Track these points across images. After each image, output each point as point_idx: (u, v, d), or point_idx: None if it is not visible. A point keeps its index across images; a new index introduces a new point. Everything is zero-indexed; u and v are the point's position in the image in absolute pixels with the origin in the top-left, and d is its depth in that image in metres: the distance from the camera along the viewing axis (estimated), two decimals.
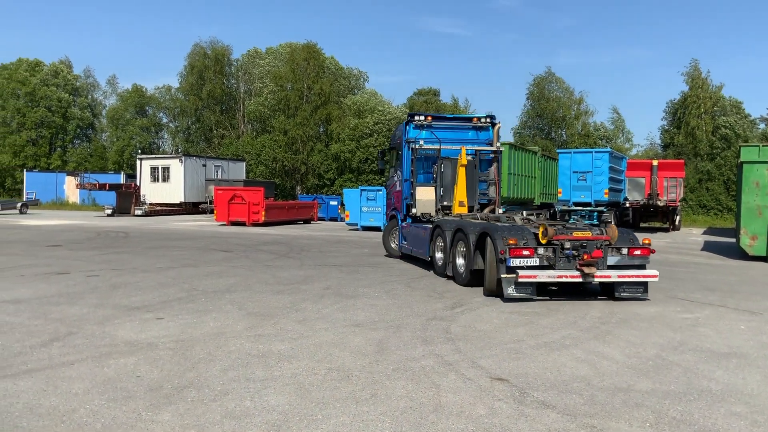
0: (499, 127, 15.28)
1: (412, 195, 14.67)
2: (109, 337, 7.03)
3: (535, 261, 9.70)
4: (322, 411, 4.85)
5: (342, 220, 34.65)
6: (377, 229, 26.33)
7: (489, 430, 4.55)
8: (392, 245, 16.34)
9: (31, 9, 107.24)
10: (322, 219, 36.41)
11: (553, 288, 10.90)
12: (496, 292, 10.07)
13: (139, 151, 55.18)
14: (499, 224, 10.83)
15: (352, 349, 6.70)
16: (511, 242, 9.67)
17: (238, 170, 47.67)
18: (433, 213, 14.42)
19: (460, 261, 11.61)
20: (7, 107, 61.11)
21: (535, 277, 9.53)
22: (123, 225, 28.91)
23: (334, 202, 37.75)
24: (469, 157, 14.47)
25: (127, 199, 38.87)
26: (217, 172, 44.52)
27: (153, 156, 47.12)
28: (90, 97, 68.18)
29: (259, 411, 4.82)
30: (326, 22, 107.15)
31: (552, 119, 58.67)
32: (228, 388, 5.32)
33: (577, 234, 9.91)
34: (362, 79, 66.31)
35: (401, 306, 9.19)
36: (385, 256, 16.43)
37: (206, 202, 40.63)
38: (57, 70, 63.82)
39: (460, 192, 14.33)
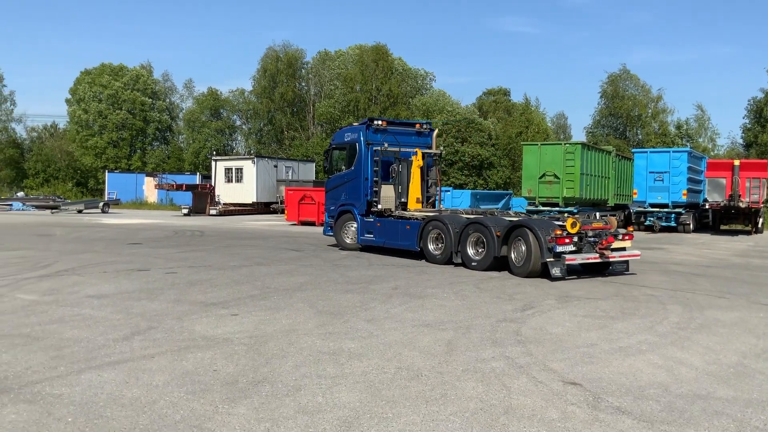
0: (437, 133, 17.82)
1: (376, 192, 16.43)
2: (187, 332, 7.28)
3: (571, 247, 12.06)
4: (393, 409, 4.88)
5: None
6: None
7: None
8: (347, 239, 17.39)
9: (114, 16, 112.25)
10: None
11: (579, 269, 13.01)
12: (538, 273, 12.18)
13: (214, 152, 56.79)
14: (534, 219, 13.65)
15: (421, 348, 6.71)
16: (557, 232, 11.86)
17: (308, 171, 48.44)
18: (393, 208, 16.40)
19: (472, 251, 13.59)
20: (90, 111, 64.03)
21: (575, 259, 12.07)
22: (198, 224, 29.85)
23: None
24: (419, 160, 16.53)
25: (202, 199, 40.13)
26: (287, 172, 45.35)
27: (227, 157, 48.45)
28: (168, 100, 70.76)
29: (330, 407, 4.90)
30: (395, 23, 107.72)
31: (627, 118, 57.00)
32: (300, 384, 5.43)
33: (594, 225, 12.73)
34: (429, 79, 66.24)
35: (470, 307, 9.14)
36: (340, 249, 17.24)
37: (277, 203, 41.43)
38: (138, 74, 66.47)
39: (416, 190, 16.50)
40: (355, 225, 17.13)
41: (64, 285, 10.51)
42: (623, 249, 12.93)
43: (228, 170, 43.75)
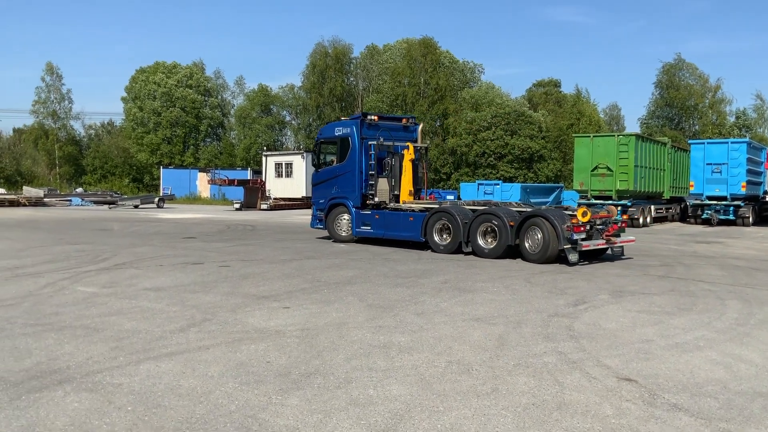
0: (422, 128, 18.53)
1: (372, 185, 16.91)
2: (240, 324, 7.43)
3: (583, 235, 13.17)
4: (444, 403, 4.88)
5: None
6: None
7: (616, 430, 4.40)
8: (340, 232, 17.74)
9: (169, 15, 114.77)
10: None
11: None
12: (553, 260, 13.18)
13: (264, 148, 57.55)
14: (547, 209, 14.45)
15: (471, 343, 6.68)
16: (574, 221, 12.93)
17: None
18: (388, 201, 16.97)
19: (483, 240, 14.40)
20: (145, 108, 65.68)
21: (588, 246, 13.22)
22: (250, 218, 30.34)
23: (450, 197, 37.41)
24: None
25: (253, 194, 40.78)
26: None
27: (277, 152, 49.06)
28: (220, 97, 71.97)
29: (382, 400, 4.93)
30: (442, 16, 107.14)
31: (682, 108, 55.37)
32: (352, 377, 5.47)
33: (601, 213, 13.91)
34: (477, 72, 65.62)
35: (521, 301, 9.05)
36: (333, 241, 17.62)
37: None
38: (191, 72, 67.83)
39: (408, 183, 17.09)
40: (347, 217, 17.56)
41: (122, 278, 10.84)
42: (619, 235, 14.33)
43: (278, 165, 44.30)
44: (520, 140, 49.55)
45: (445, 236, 15.16)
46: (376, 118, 17.61)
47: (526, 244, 13.58)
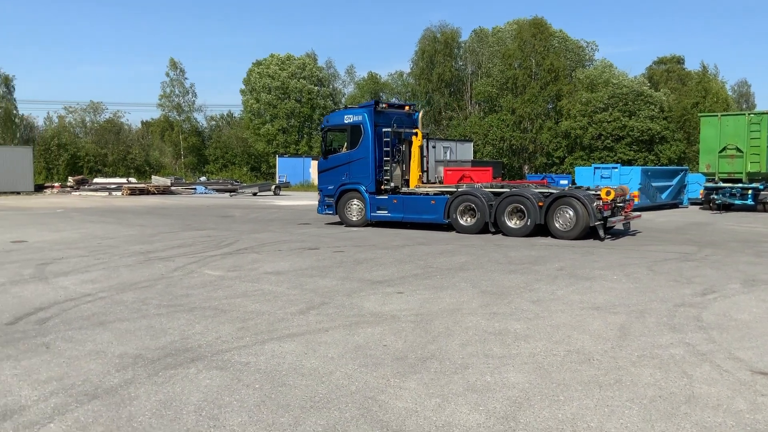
0: (422, 114, 19.32)
1: (387, 171, 17.69)
2: (356, 308, 7.60)
3: (609, 212, 14.78)
4: (564, 392, 4.78)
5: None
6: None
7: (752, 426, 4.14)
8: (352, 217, 18.26)
9: (280, 7, 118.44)
10: None
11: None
12: (582, 236, 14.53)
13: None
14: (573, 190, 15.73)
15: (591, 332, 6.49)
16: (605, 200, 14.47)
17: (465, 151, 48.22)
18: (400, 185, 17.78)
19: (510, 220, 15.46)
20: (261, 100, 68.21)
21: (614, 222, 15.11)
22: None
23: (564, 182, 36.46)
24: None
25: None
26: (446, 153, 45.47)
27: None
28: (331, 86, 73.54)
29: (499, 387, 4.89)
30: None
31: None
32: (468, 362, 5.47)
33: (618, 193, 15.18)
34: (591, 50, 63.13)
35: (643, 290, 8.67)
36: (346, 226, 18.08)
37: (435, 183, 41.67)
38: (304, 63, 69.71)
39: (417, 167, 17.86)
40: (356, 202, 18.17)
41: (244, 262, 11.38)
42: (631, 212, 16.05)
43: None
44: (640, 121, 47.26)
45: (467, 218, 16.18)
46: (386, 105, 18.49)
47: (556, 223, 14.80)
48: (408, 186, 17.85)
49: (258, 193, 43.89)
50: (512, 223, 15.41)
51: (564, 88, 53.19)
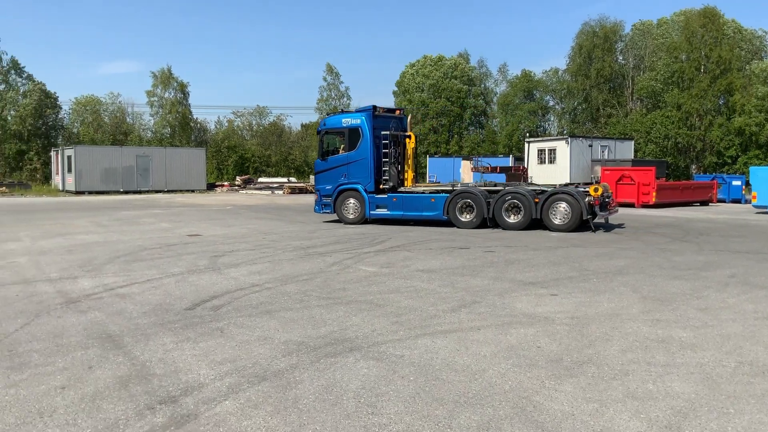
0: (410, 119, 20.46)
1: (385, 171, 18.66)
2: (508, 308, 7.55)
3: (598, 207, 16.18)
4: (734, 405, 4.46)
5: (746, 201, 30.88)
6: None
7: None
8: (348, 215, 19.12)
9: (435, 10, 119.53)
10: (722, 201, 32.93)
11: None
12: (575, 230, 16.09)
13: (527, 134, 57.13)
14: (565, 187, 17.00)
15: (766, 344, 5.97)
16: (594, 196, 16.00)
17: (625, 150, 45.93)
18: (396, 184, 18.80)
19: (507, 215, 16.87)
20: (414, 101, 69.22)
21: (604, 216, 16.74)
22: None
23: (737, 182, 33.73)
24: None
25: (515, 180, 40.74)
26: (603, 152, 43.61)
27: (540, 138, 48.40)
28: (483, 86, 73.04)
29: (662, 395, 4.66)
30: None
31: None
32: (628, 369, 5.26)
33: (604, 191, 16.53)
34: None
35: None
36: (345, 223, 18.91)
37: (591, 183, 40.13)
38: (456, 63, 69.88)
39: (411, 168, 18.99)
40: (353, 201, 19.08)
41: (397, 259, 11.66)
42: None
43: (541, 151, 43.67)
44: None
45: (466, 214, 17.46)
46: (381, 110, 19.28)
47: (553, 218, 16.38)
48: (403, 185, 19.00)
49: None
50: (510, 218, 16.84)
51: (737, 82, 48.97)
